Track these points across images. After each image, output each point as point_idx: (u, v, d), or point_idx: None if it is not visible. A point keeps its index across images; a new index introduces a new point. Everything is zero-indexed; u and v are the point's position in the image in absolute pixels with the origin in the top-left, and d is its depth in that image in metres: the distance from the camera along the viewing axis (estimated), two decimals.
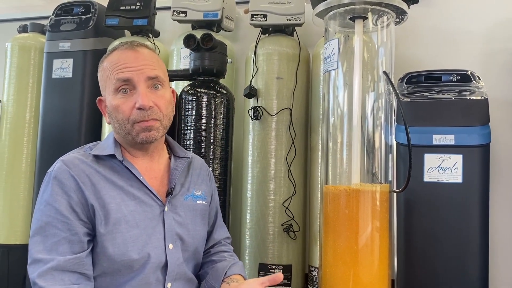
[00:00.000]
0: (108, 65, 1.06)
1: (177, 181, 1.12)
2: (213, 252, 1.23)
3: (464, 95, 1.51)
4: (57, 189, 0.98)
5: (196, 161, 1.24)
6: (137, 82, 1.03)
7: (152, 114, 1.03)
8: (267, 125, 1.75)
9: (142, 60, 1.05)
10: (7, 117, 2.14)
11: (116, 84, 1.03)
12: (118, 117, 1.04)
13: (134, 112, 1.02)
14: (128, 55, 1.05)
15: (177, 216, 1.09)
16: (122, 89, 1.03)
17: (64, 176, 0.99)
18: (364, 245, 1.29)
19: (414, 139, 1.44)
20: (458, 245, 1.45)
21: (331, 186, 1.38)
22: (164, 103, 1.07)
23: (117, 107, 1.03)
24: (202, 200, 1.18)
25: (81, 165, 1.02)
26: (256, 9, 1.81)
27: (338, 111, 1.40)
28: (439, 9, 1.86)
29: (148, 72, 1.04)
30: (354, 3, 1.33)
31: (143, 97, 1.01)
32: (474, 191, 1.45)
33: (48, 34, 2.07)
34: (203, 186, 1.20)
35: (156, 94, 1.05)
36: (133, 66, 1.03)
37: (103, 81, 1.08)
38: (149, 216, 1.04)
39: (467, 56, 1.80)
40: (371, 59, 1.40)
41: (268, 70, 1.77)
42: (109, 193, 1.01)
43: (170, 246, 1.05)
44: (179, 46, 1.93)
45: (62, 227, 0.96)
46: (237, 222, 1.85)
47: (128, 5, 1.97)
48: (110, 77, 1.04)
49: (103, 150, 1.06)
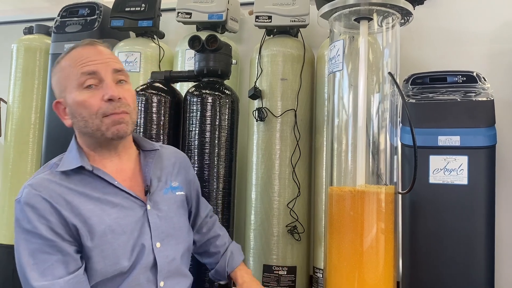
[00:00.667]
0: (68, 63, 1.02)
1: (152, 176, 1.10)
2: (205, 231, 1.29)
3: (470, 96, 1.50)
4: (32, 215, 0.93)
5: (169, 152, 1.21)
6: (103, 75, 1.00)
7: (122, 106, 1.00)
8: (272, 126, 1.75)
9: (106, 53, 1.04)
10: (12, 118, 2.15)
11: (80, 78, 0.99)
12: (84, 114, 0.99)
13: (103, 105, 0.98)
14: (89, 50, 1.02)
15: (160, 212, 1.07)
16: (87, 85, 0.99)
17: (36, 200, 0.94)
18: (369, 246, 1.29)
19: (419, 140, 1.43)
20: (463, 247, 1.44)
21: (336, 187, 1.38)
22: (131, 97, 1.04)
23: (83, 102, 0.98)
24: (180, 191, 1.16)
25: (50, 186, 0.97)
26: (261, 11, 1.82)
27: (343, 112, 1.39)
28: (444, 10, 1.85)
29: (114, 64, 1.02)
30: (359, 4, 1.33)
31: (112, 88, 0.99)
32: (479, 193, 1.44)
33: (53, 35, 2.08)
34: (179, 177, 1.18)
35: (123, 88, 1.03)
36: (97, 59, 1.01)
37: (62, 81, 1.03)
38: (134, 220, 1.02)
39: (473, 57, 1.79)
40: (376, 60, 1.40)
41: (273, 71, 1.77)
42: (87, 207, 0.98)
43: (157, 244, 1.04)
44: (184, 48, 1.93)
45: (52, 250, 0.93)
46: (241, 223, 1.85)
47: (133, 7, 1.98)
48: (72, 73, 1.00)
49: (70, 164, 1.00)
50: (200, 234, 1.29)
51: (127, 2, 1.99)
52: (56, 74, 1.05)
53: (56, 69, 1.05)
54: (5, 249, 2.06)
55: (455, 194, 1.45)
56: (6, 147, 2.15)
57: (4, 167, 2.14)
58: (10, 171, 2.11)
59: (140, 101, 1.60)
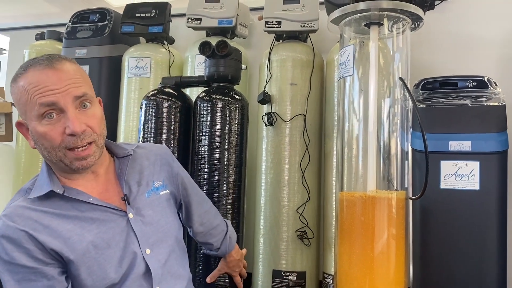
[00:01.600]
0: (25, 86, 0.93)
1: (131, 182, 1.08)
2: (204, 229, 1.32)
3: (481, 101, 1.49)
4: (10, 246, 0.92)
5: (147, 151, 1.17)
6: (64, 105, 0.92)
7: (86, 138, 0.95)
8: (281, 131, 1.75)
9: (66, 79, 0.94)
10: None
11: (39, 109, 0.92)
12: (45, 145, 0.95)
13: (65, 139, 0.94)
14: (48, 75, 0.93)
15: (145, 218, 1.05)
16: (47, 114, 0.93)
17: (11, 231, 0.92)
18: (380, 252, 1.28)
19: (430, 145, 1.42)
20: (475, 253, 1.43)
21: (347, 192, 1.38)
22: (96, 122, 0.99)
23: (44, 135, 0.93)
24: (164, 190, 1.14)
25: (25, 213, 0.95)
26: (270, 16, 1.82)
27: (354, 117, 1.39)
28: (455, 14, 1.85)
29: (74, 91, 0.94)
30: (370, 9, 1.33)
31: (74, 122, 0.92)
32: (491, 198, 1.43)
33: (64, 41, 2.10)
34: (162, 174, 1.16)
35: (86, 114, 0.97)
36: (55, 88, 0.92)
37: (21, 105, 0.95)
38: (117, 231, 1.00)
39: (484, 62, 1.78)
40: (387, 65, 1.39)
41: (282, 76, 1.78)
42: (66, 227, 0.96)
43: (147, 251, 1.03)
44: (194, 53, 1.95)
45: (36, 277, 0.93)
46: (250, 228, 1.85)
47: (144, 13, 1.99)
48: (30, 101, 0.92)
49: (41, 190, 0.98)
50: (199, 232, 1.31)
51: (137, 8, 2.01)
52: (14, 93, 0.97)
53: (14, 88, 0.96)
54: None
55: (467, 199, 1.44)
56: (18, 151, 2.17)
57: (15, 172, 2.16)
58: (21, 176, 2.13)
59: (150, 106, 1.61)
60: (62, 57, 0.99)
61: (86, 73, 1.02)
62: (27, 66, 0.96)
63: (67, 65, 0.97)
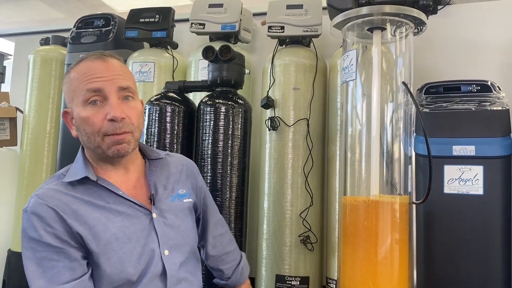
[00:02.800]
0: (76, 75, 1.01)
1: (158, 184, 1.10)
2: (217, 253, 1.29)
3: (484, 105, 1.49)
4: (38, 224, 0.94)
5: (176, 159, 1.21)
6: (108, 93, 0.99)
7: (124, 127, 0.99)
8: (284, 136, 1.75)
9: (113, 70, 1.02)
10: (28, 127, 2.18)
11: (85, 95, 0.98)
12: (87, 130, 0.99)
13: (105, 124, 0.98)
14: (98, 65, 1.01)
15: (167, 220, 1.07)
16: (92, 101, 0.98)
17: (42, 209, 0.95)
18: (383, 257, 1.27)
19: (433, 150, 1.42)
20: (479, 258, 1.42)
21: (350, 197, 1.37)
22: (136, 115, 1.03)
23: (86, 119, 0.98)
24: (187, 198, 1.16)
25: (57, 195, 0.98)
26: (273, 21, 1.83)
27: (357, 121, 1.39)
28: (458, 19, 1.85)
29: (120, 82, 1.01)
30: (372, 14, 1.33)
31: (115, 108, 0.98)
32: (495, 203, 1.42)
33: (69, 46, 2.12)
34: (187, 183, 1.18)
35: (128, 105, 1.02)
36: (104, 76, 1.00)
37: (70, 93, 1.03)
38: (140, 228, 1.02)
39: (487, 66, 1.78)
40: (390, 70, 1.39)
41: (285, 81, 1.78)
42: (92, 215, 0.98)
43: (165, 252, 1.04)
44: (197, 58, 1.95)
45: (59, 257, 0.94)
46: (253, 233, 1.85)
47: (147, 18, 2.01)
48: (78, 88, 1.00)
49: (75, 175, 1.02)
50: (211, 255, 1.29)
51: (141, 13, 2.03)
52: (65, 84, 1.05)
53: (66, 79, 1.05)
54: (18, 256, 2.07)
55: (471, 204, 1.43)
56: (22, 156, 2.18)
57: (20, 176, 2.17)
58: (25, 180, 2.14)
59: (154, 110, 1.62)
60: (112, 54, 1.07)
61: (131, 73, 1.11)
62: (80, 59, 1.04)
63: (115, 61, 1.05)
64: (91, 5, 4.77)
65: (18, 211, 2.14)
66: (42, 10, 4.38)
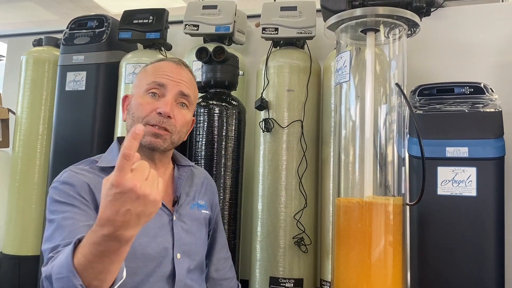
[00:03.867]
0: (151, 69, 1.12)
1: (182, 190, 1.13)
2: (218, 276, 1.25)
3: (477, 107, 1.50)
4: (69, 189, 0.96)
5: (199, 172, 1.26)
6: (169, 91, 1.07)
7: (166, 123, 1.06)
8: (278, 137, 1.75)
9: (183, 76, 1.11)
10: (20, 129, 2.16)
11: (150, 85, 1.08)
12: (135, 114, 1.07)
13: (153, 115, 1.05)
14: (172, 67, 1.12)
15: (184, 225, 1.09)
16: (152, 92, 1.07)
17: (75, 180, 0.99)
18: (377, 258, 1.27)
19: (427, 151, 1.42)
20: (472, 259, 1.42)
21: (344, 198, 1.37)
22: (182, 121, 1.10)
23: (139, 105, 1.06)
24: (205, 210, 1.19)
25: (89, 175, 1.02)
26: (267, 23, 1.83)
27: (350, 123, 1.39)
28: (451, 21, 1.86)
29: (183, 88, 1.09)
30: (366, 15, 1.33)
31: (167, 104, 1.05)
32: (488, 204, 1.43)
33: (62, 47, 2.10)
34: (206, 197, 1.22)
35: (179, 110, 1.10)
36: (172, 76, 1.09)
37: (139, 80, 1.12)
38: (158, 225, 1.04)
39: (480, 68, 1.79)
40: (383, 72, 1.40)
41: (279, 82, 1.78)
42: None
43: (178, 255, 1.05)
44: (191, 59, 1.95)
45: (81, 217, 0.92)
46: (247, 235, 1.84)
47: (141, 19, 2.00)
48: (148, 78, 1.09)
49: (109, 162, 1.06)
50: (211, 277, 1.26)
51: (135, 14, 2.02)
52: (140, 73, 1.15)
53: (143, 69, 1.15)
54: (13, 260, 2.06)
55: (464, 205, 1.44)
56: (14, 157, 2.16)
57: (11, 178, 2.15)
58: (17, 182, 2.11)
59: None
60: (190, 68, 1.17)
61: (197, 88, 1.19)
62: (162, 59, 1.16)
63: (188, 72, 1.15)
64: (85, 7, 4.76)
65: (9, 213, 2.12)
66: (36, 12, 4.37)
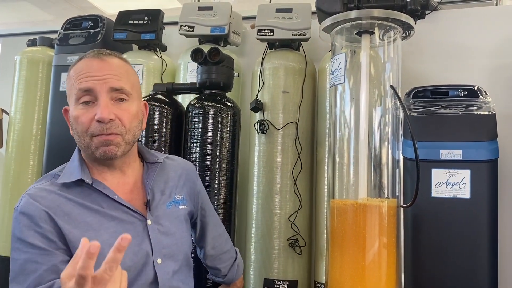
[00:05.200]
0: (73, 74, 1.01)
1: (155, 189, 1.08)
2: (215, 253, 1.29)
3: (471, 110, 1.50)
4: (27, 223, 0.92)
5: (176, 163, 1.20)
6: (98, 93, 0.97)
7: (112, 128, 0.97)
8: (273, 139, 1.75)
9: (108, 70, 0.99)
10: (14, 129, 2.15)
11: (77, 94, 0.98)
12: (77, 129, 0.99)
13: (93, 125, 0.97)
14: (93, 64, 0.99)
15: (162, 227, 1.05)
16: (83, 101, 0.98)
17: (32, 209, 0.93)
18: (371, 260, 1.27)
19: (421, 154, 1.43)
20: (466, 261, 1.43)
21: (338, 200, 1.37)
22: (127, 117, 1.00)
23: (76, 118, 0.98)
24: (183, 205, 1.15)
25: (49, 196, 0.96)
26: (263, 24, 1.83)
27: (345, 125, 1.39)
28: (445, 24, 1.86)
29: (112, 83, 0.98)
30: (361, 18, 1.34)
31: (103, 109, 0.96)
32: (482, 206, 1.43)
33: (56, 47, 2.09)
34: (184, 189, 1.17)
35: (120, 107, 1.00)
36: (96, 75, 0.98)
37: (68, 89, 1.03)
38: (133, 235, 0.97)
39: (474, 71, 1.79)
40: (378, 74, 1.40)
41: (274, 84, 1.78)
42: (86, 219, 0.96)
43: (158, 261, 1.02)
44: (186, 60, 1.94)
45: (43, 260, 0.91)
46: (242, 237, 1.84)
47: (136, 20, 1.99)
48: (73, 86, 0.99)
49: (70, 176, 1.00)
50: (209, 255, 1.29)
51: (130, 15, 2.01)
52: (66, 81, 1.05)
53: (67, 76, 1.05)
54: (5, 261, 2.04)
55: (458, 208, 1.44)
56: (7, 158, 2.14)
57: (4, 178, 2.13)
58: (10, 183, 2.10)
59: None
60: (114, 53, 1.04)
61: (135, 74, 1.07)
62: (80, 57, 1.03)
63: (114, 60, 1.02)
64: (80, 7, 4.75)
65: (2, 214, 2.10)
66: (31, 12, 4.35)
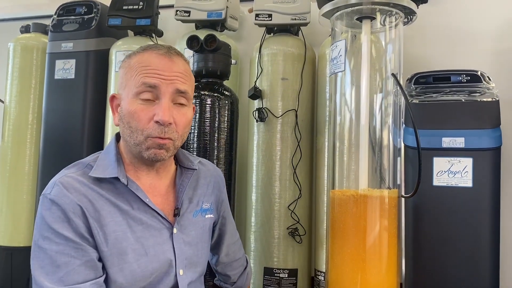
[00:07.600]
0: (136, 64, 0.96)
1: (185, 197, 1.06)
2: (228, 260, 1.26)
3: (474, 96, 1.47)
4: (59, 214, 0.89)
5: (207, 169, 1.17)
6: (163, 93, 0.93)
7: (169, 132, 0.94)
8: (272, 127, 1.72)
9: (176, 71, 0.96)
10: (9, 118, 2.12)
11: (139, 88, 0.93)
12: (131, 124, 0.94)
13: (151, 125, 0.93)
14: (162, 61, 0.95)
15: (186, 237, 1.03)
16: (145, 97, 0.94)
17: (66, 201, 0.90)
18: (372, 251, 1.26)
19: (423, 142, 1.40)
20: (468, 250, 1.42)
21: (338, 191, 1.35)
22: (183, 123, 0.98)
23: (133, 114, 0.93)
24: (210, 214, 1.13)
25: (82, 189, 0.92)
26: (261, 9, 1.78)
27: (345, 112, 1.36)
28: (448, 8, 1.82)
29: (179, 85, 0.95)
30: (362, 3, 1.30)
31: (165, 111, 0.92)
32: (484, 195, 1.42)
33: (50, 34, 2.04)
34: (212, 197, 1.15)
35: (179, 111, 0.97)
36: (164, 74, 0.94)
37: (125, 79, 0.97)
38: (158, 241, 0.98)
39: (477, 56, 1.75)
40: (379, 60, 1.36)
41: (273, 70, 1.74)
42: (115, 219, 0.94)
43: (180, 272, 1.00)
44: (183, 47, 1.90)
45: (76, 254, 0.88)
46: (241, 226, 1.83)
47: (131, 5, 1.94)
48: (135, 78, 0.94)
49: (105, 171, 0.96)
50: (222, 262, 1.26)
51: (124, 0, 1.96)
52: (123, 68, 0.99)
53: (125, 63, 0.99)
54: (5, 251, 2.04)
55: (460, 196, 1.42)
56: (4, 147, 2.12)
57: (1, 168, 2.11)
58: (7, 172, 2.08)
59: None
60: (179, 53, 1.01)
61: (193, 76, 1.04)
62: (147, 47, 0.98)
63: (181, 61, 0.99)
64: None
65: (0, 204, 2.09)
66: None
